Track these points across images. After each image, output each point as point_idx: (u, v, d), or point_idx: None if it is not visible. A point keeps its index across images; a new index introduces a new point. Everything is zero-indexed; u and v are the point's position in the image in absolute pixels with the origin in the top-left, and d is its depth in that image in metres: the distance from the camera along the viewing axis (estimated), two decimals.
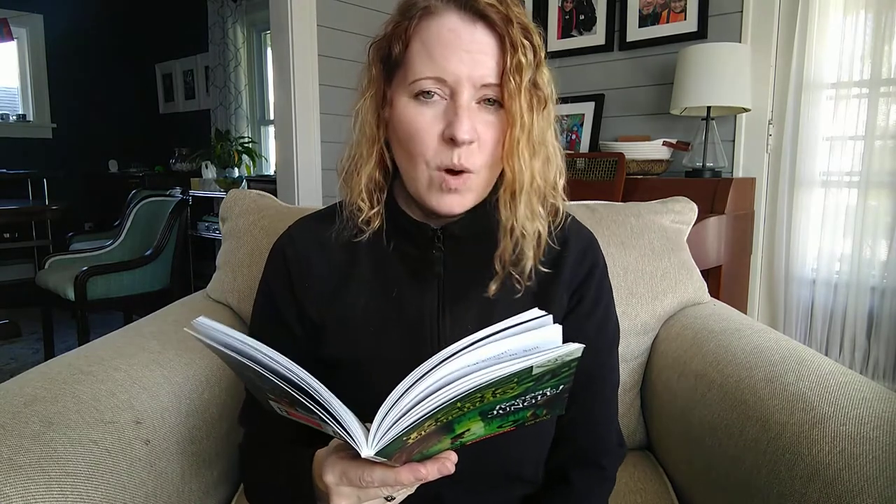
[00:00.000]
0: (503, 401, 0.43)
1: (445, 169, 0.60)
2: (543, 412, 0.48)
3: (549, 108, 0.63)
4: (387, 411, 0.41)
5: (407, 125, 0.60)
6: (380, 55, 0.64)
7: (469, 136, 0.58)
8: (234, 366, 0.47)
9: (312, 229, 0.71)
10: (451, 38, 0.58)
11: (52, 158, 4.42)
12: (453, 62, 0.57)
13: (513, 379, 0.40)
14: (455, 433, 0.46)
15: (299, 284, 0.68)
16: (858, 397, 0.68)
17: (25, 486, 0.57)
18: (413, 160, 0.61)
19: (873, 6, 1.79)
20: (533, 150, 0.61)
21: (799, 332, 2.00)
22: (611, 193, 1.89)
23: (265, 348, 0.43)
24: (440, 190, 0.61)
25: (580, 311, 0.70)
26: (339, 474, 0.50)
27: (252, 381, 0.48)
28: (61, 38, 4.47)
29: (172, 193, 3.15)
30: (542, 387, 0.43)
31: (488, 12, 0.57)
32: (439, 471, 0.47)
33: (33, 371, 0.76)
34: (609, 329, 0.73)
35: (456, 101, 0.58)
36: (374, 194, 0.66)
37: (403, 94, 0.60)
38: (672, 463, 0.95)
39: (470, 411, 0.43)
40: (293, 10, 2.09)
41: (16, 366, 2.81)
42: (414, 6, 0.60)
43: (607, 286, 0.74)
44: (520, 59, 0.57)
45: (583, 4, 2.36)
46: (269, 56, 4.05)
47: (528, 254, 0.64)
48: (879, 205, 1.84)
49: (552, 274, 0.68)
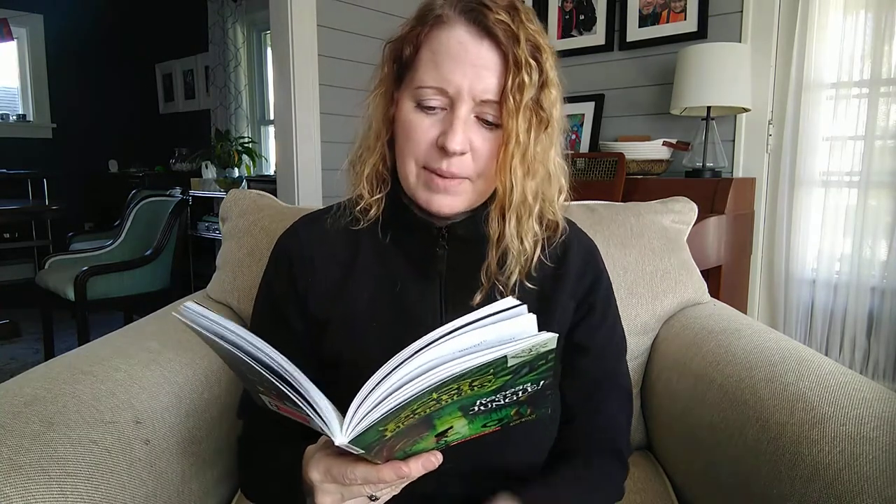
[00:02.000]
0: (483, 395, 0.43)
1: (432, 170, 0.62)
2: (528, 411, 0.48)
3: (552, 127, 0.63)
4: (361, 400, 0.42)
5: (406, 127, 0.62)
6: (393, 55, 0.65)
7: (460, 148, 0.59)
8: (224, 355, 0.47)
9: (316, 226, 0.73)
10: (458, 50, 0.59)
11: (52, 158, 4.42)
12: (457, 75, 0.59)
13: (488, 370, 0.40)
14: (437, 430, 0.46)
15: (303, 281, 0.69)
16: (858, 397, 0.68)
17: (25, 486, 0.57)
18: (404, 158, 0.63)
19: (873, 6, 1.79)
20: (528, 169, 0.62)
21: (799, 332, 2.00)
22: (611, 193, 1.89)
23: (245, 333, 0.43)
24: (428, 188, 0.63)
25: (591, 321, 0.71)
26: (324, 471, 0.50)
27: (243, 373, 0.48)
28: (61, 38, 4.47)
29: (172, 193, 3.15)
30: (520, 381, 0.43)
31: (496, 29, 0.58)
32: (424, 466, 0.48)
33: (33, 371, 0.76)
34: (616, 336, 0.75)
35: (454, 111, 0.60)
36: (377, 185, 0.68)
37: (408, 97, 0.62)
38: (672, 463, 0.95)
39: (448, 404, 0.42)
40: (293, 10, 2.08)
41: (16, 366, 2.81)
42: (429, 13, 0.61)
43: (613, 295, 0.75)
44: (522, 79, 0.58)
45: (583, 4, 2.36)
46: (269, 56, 4.05)
47: (514, 269, 0.65)
48: (879, 205, 1.84)
49: (555, 282, 0.69)
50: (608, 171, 1.95)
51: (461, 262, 0.67)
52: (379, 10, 2.31)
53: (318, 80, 2.19)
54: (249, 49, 4.07)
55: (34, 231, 4.14)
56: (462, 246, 0.68)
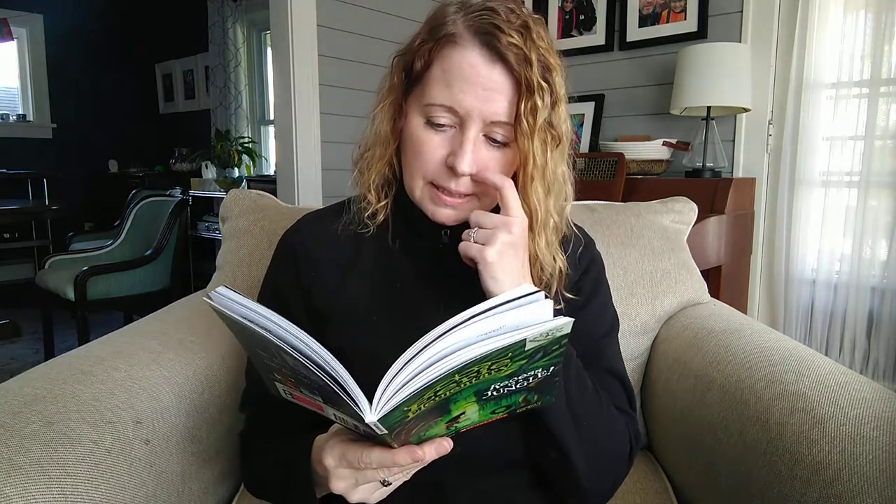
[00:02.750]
0: (497, 379, 0.45)
1: (440, 187, 0.63)
2: (535, 397, 0.50)
3: (563, 144, 0.64)
4: (390, 379, 0.43)
5: (415, 143, 0.63)
6: (402, 66, 0.65)
7: (470, 170, 0.60)
8: (247, 340, 0.48)
9: (320, 223, 0.74)
10: (470, 73, 0.59)
11: (52, 158, 4.41)
12: (469, 97, 0.59)
13: (507, 353, 0.42)
14: (451, 415, 0.47)
15: (306, 275, 0.70)
16: (858, 397, 0.68)
17: (25, 486, 0.57)
18: (412, 173, 0.64)
19: (873, 6, 1.79)
20: (548, 189, 0.63)
21: (799, 332, 2.00)
22: (611, 193, 1.89)
23: (277, 317, 0.44)
24: (433, 202, 0.64)
25: (575, 303, 0.71)
26: (339, 456, 0.51)
27: (262, 359, 0.49)
28: (61, 38, 4.47)
29: (172, 193, 3.15)
30: (533, 366, 0.45)
31: (508, 54, 0.58)
32: (437, 451, 0.49)
33: (33, 371, 0.76)
34: (607, 316, 0.75)
35: (464, 132, 0.60)
36: (383, 190, 0.69)
37: (417, 112, 0.63)
38: (672, 463, 0.95)
39: (466, 388, 0.44)
40: (293, 10, 2.08)
41: (16, 366, 2.81)
42: (441, 28, 0.61)
43: (604, 280, 0.76)
44: (535, 102, 0.59)
45: (583, 4, 2.36)
46: (269, 56, 4.05)
47: (552, 285, 0.66)
48: (879, 205, 1.84)
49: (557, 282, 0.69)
50: (608, 171, 1.95)
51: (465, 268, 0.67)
52: (379, 10, 2.31)
53: (318, 80, 2.19)
54: (249, 49, 4.07)
55: (34, 231, 4.13)
56: None
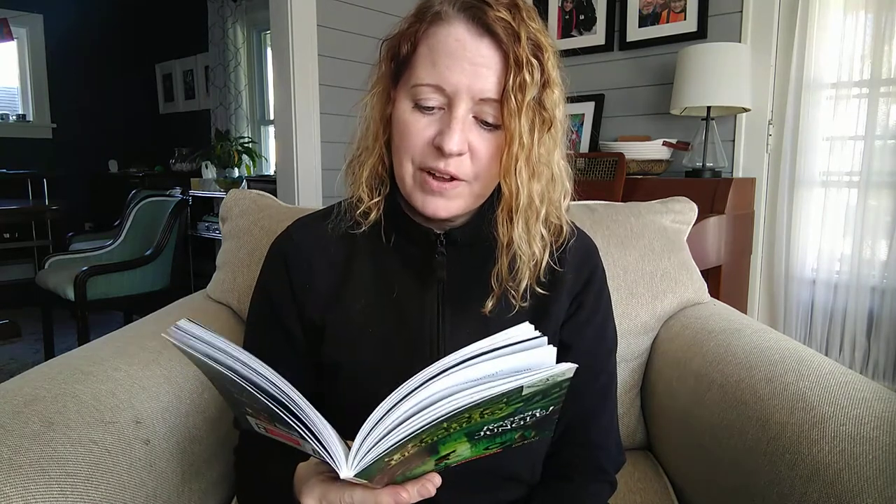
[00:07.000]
0: (491, 421, 0.41)
1: (428, 170, 0.60)
2: (532, 434, 0.46)
3: (555, 128, 0.62)
4: (369, 430, 0.40)
5: (402, 127, 0.61)
6: (390, 53, 0.63)
7: (458, 149, 0.58)
8: (212, 375, 0.45)
9: (312, 229, 0.71)
10: (456, 48, 0.57)
11: (52, 158, 4.41)
12: (455, 73, 0.57)
13: (502, 399, 0.38)
14: (440, 455, 0.44)
15: (299, 286, 0.67)
16: (858, 397, 0.68)
17: (25, 486, 0.57)
18: (401, 158, 0.62)
19: (873, 6, 1.79)
20: (532, 171, 0.60)
21: (799, 332, 2.00)
22: (611, 193, 1.89)
23: (247, 357, 0.42)
24: (423, 190, 0.61)
25: (579, 317, 0.70)
26: (319, 497, 0.49)
27: (230, 393, 0.46)
28: (61, 38, 4.47)
29: (172, 193, 3.15)
30: (531, 407, 0.41)
31: (496, 27, 0.56)
32: (419, 493, 0.47)
33: (33, 371, 0.76)
34: (608, 335, 0.73)
35: (452, 111, 0.58)
36: (376, 187, 0.67)
37: (405, 96, 0.61)
38: (672, 463, 0.95)
39: (456, 432, 0.41)
40: (293, 10, 2.08)
41: (16, 366, 2.81)
42: (428, 10, 0.60)
43: (606, 293, 0.74)
44: (524, 78, 0.56)
45: (583, 4, 2.36)
46: (269, 56, 4.05)
47: (524, 273, 0.63)
48: (879, 205, 1.84)
49: (557, 284, 0.68)
50: (608, 171, 1.95)
51: (461, 269, 0.66)
52: (379, 9, 2.31)
53: (319, 80, 2.19)
54: (249, 49, 4.07)
55: (34, 231, 4.13)
56: (461, 252, 0.67)
